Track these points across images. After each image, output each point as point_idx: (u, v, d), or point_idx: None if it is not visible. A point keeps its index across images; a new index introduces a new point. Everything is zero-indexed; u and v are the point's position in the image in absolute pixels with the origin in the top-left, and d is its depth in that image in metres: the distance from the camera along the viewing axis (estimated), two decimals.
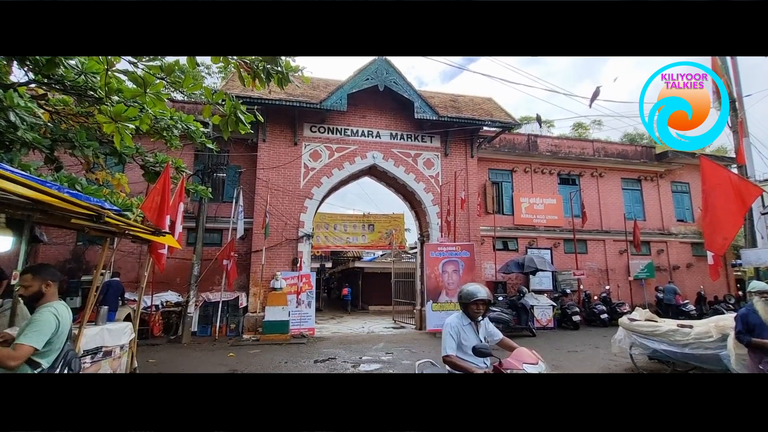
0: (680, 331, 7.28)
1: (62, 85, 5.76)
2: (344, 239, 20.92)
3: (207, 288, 13.05)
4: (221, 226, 13.93)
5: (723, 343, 6.37)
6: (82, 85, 5.72)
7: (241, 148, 14.06)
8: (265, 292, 12.69)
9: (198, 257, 12.29)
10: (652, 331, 7.76)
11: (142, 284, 6.21)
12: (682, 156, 19.48)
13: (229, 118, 4.78)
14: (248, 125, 5.03)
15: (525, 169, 17.84)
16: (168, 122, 7.13)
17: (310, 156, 14.21)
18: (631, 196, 19.22)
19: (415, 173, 14.98)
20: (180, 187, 6.61)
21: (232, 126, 4.86)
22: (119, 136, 4.49)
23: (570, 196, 17.48)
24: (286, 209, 13.72)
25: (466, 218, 15.00)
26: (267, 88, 4.93)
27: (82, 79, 5.70)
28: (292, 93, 13.39)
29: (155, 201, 5.19)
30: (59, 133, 6.23)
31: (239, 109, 4.75)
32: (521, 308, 13.40)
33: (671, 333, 7.38)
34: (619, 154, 19.38)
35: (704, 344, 6.84)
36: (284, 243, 13.57)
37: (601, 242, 18.10)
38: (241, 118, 4.79)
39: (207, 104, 4.76)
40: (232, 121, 4.81)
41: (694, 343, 7.00)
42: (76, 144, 6.27)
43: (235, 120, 4.80)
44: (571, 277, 16.58)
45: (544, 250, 17.15)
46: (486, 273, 15.95)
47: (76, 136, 6.28)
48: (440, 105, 15.05)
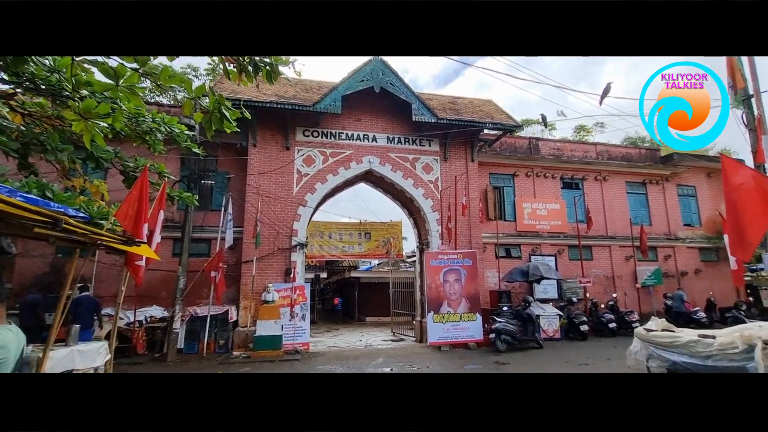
0: (702, 341, 6.98)
1: (33, 83, 5.41)
2: (340, 248, 20.55)
3: (194, 302, 12.64)
4: (209, 236, 13.56)
5: (749, 355, 6.04)
6: (55, 84, 5.37)
7: (230, 153, 13.73)
8: (256, 305, 12.34)
9: (184, 269, 11.91)
10: (671, 342, 7.45)
11: (119, 299, 5.81)
12: (687, 158, 19.39)
13: (213, 115, 4.42)
14: (234, 123, 4.67)
15: (527, 174, 17.63)
16: (150, 125, 6.83)
17: (303, 161, 13.94)
18: (637, 200, 19.06)
19: (413, 178, 14.73)
20: (161, 194, 6.25)
21: (216, 124, 4.50)
22: (89, 134, 4.13)
23: (574, 201, 17.20)
24: (278, 217, 13.40)
25: (468, 225, 14.75)
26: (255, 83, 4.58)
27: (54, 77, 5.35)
28: (284, 95, 13.11)
29: (131, 208, 4.80)
30: (31, 136, 5.88)
31: (223, 105, 4.38)
32: (527, 319, 13.05)
33: (692, 344, 7.08)
34: (623, 157, 19.25)
35: (729, 356, 6.50)
36: (276, 253, 13.24)
37: (606, 248, 17.89)
38: (226, 115, 4.43)
39: (187, 99, 4.38)
40: (216, 119, 4.45)
41: (717, 354, 6.66)
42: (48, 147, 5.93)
43: (220, 117, 4.44)
44: (577, 285, 16.33)
45: (548, 257, 16.88)
46: (489, 282, 15.63)
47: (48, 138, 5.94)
48: (439, 107, 14.84)
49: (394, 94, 13.74)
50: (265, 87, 13.21)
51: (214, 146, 12.77)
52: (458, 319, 12.56)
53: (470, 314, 12.67)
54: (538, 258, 16.52)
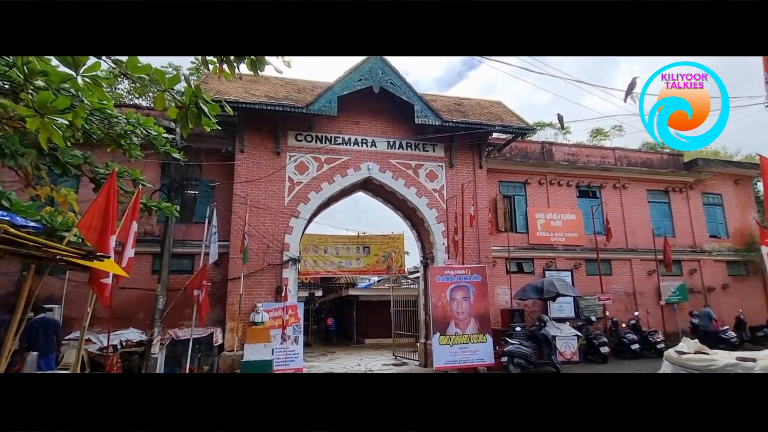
0: (741, 365, 6.83)
1: None
2: (336, 263, 20.22)
3: (175, 323, 12.33)
4: (192, 251, 13.24)
5: None
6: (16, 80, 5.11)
7: (214, 159, 13.47)
8: (244, 327, 12.10)
9: (164, 287, 11.60)
10: (706, 365, 7.23)
11: (84, 321, 5.49)
12: (713, 164, 19.28)
13: (189, 110, 4.13)
14: (214, 120, 4.39)
15: (540, 181, 17.46)
16: (125, 127, 6.57)
17: (296, 168, 13.73)
18: (659, 209, 18.89)
19: (416, 186, 14.55)
20: (134, 202, 5.96)
21: (193, 120, 4.22)
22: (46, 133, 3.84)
23: (591, 211, 16.95)
24: (267, 230, 13.15)
25: (476, 237, 14.54)
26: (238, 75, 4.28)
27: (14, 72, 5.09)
28: (274, 96, 12.91)
29: (96, 218, 4.50)
30: None
31: (201, 98, 4.09)
32: (543, 340, 12.78)
33: (731, 368, 6.90)
34: (644, 162, 19.14)
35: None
36: (266, 269, 12.97)
37: (626, 262, 17.69)
38: (204, 110, 4.13)
39: (159, 92, 4.10)
40: (193, 114, 4.16)
41: None
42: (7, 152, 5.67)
43: (197, 112, 4.15)
44: (595, 303, 16.11)
45: (564, 272, 16.63)
46: (499, 299, 15.34)
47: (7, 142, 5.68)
48: (443, 109, 14.66)
49: (395, 94, 13.55)
50: (254, 87, 13.02)
51: (197, 152, 12.55)
52: (467, 340, 12.26)
53: (480, 335, 12.36)
54: (553, 273, 16.26)
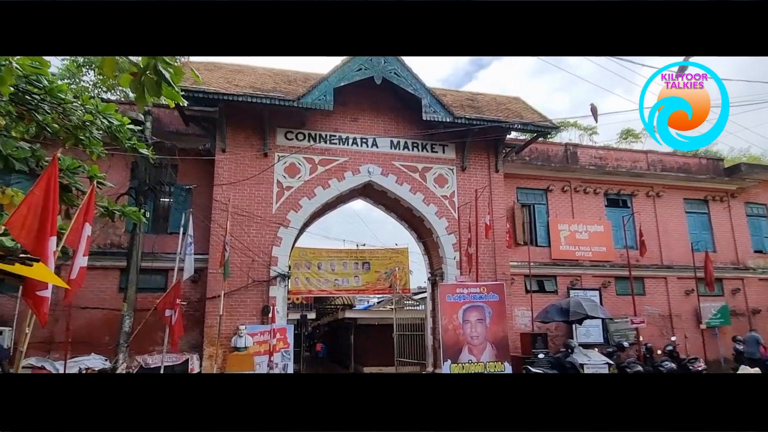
0: None
1: None
2: (331, 281, 19.81)
3: (144, 349, 12.09)
4: (164, 265, 12.92)
5: None
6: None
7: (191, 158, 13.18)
8: (225, 353, 11.95)
9: (130, 307, 11.30)
10: None
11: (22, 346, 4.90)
12: (757, 170, 18.92)
13: (145, 77, 3.57)
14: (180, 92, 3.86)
15: (563, 188, 17.26)
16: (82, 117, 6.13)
17: (285, 170, 13.59)
18: (697, 220, 18.74)
19: (423, 193, 14.44)
20: (87, 201, 5.43)
21: (151, 90, 3.67)
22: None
23: (622, 222, 16.49)
24: (252, 241, 12.97)
25: (492, 251, 14.38)
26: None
27: None
28: (261, 87, 12.71)
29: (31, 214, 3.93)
30: None
31: (161, 62, 3.52)
32: (569, 368, 12.51)
33: None
34: (680, 168, 18.97)
35: None
36: (251, 286, 12.77)
37: (662, 280, 17.49)
38: (166, 76, 3.57)
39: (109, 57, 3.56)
40: (151, 82, 3.60)
41: None
42: None
43: (156, 79, 3.59)
44: (627, 326, 15.71)
45: (591, 292, 16.37)
46: (518, 322, 15.07)
47: None
48: (455, 104, 14.44)
49: (400, 86, 13.44)
50: (237, 78, 12.84)
51: (172, 150, 12.31)
52: (482, 369, 11.99)
53: (497, 363, 12.08)
54: (579, 293, 15.99)
